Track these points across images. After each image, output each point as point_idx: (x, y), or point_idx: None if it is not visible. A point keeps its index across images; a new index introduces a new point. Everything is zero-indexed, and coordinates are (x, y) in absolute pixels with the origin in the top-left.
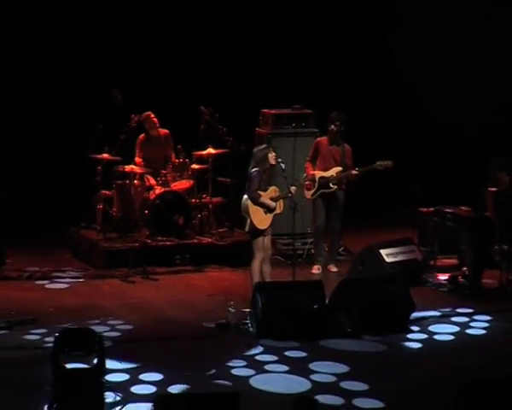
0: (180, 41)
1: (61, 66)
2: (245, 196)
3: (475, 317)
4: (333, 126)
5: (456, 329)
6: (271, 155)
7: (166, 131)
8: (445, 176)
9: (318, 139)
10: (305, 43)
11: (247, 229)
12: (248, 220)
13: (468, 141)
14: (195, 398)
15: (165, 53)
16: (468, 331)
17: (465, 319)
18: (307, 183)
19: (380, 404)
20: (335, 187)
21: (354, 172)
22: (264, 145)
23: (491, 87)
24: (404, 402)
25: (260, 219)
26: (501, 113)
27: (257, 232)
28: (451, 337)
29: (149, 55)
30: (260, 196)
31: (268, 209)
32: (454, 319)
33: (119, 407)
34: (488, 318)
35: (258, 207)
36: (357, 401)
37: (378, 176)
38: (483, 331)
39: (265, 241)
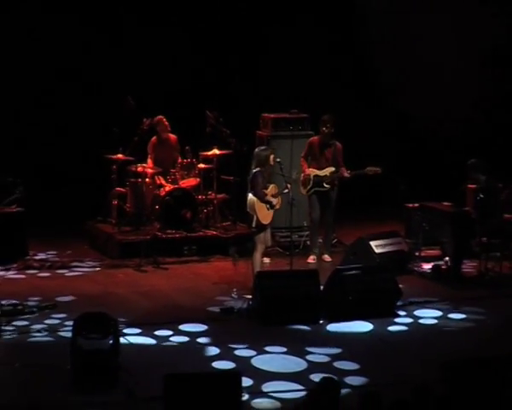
0: (189, 52)
1: (83, 78)
2: (250, 195)
3: (458, 304)
4: (324, 128)
5: (439, 313)
6: (272, 157)
7: (175, 136)
8: (428, 174)
9: (311, 139)
10: (301, 52)
11: (253, 224)
12: (255, 217)
13: (449, 142)
14: (201, 377)
15: (174, 62)
16: (451, 316)
17: (448, 306)
18: (302, 178)
19: (369, 381)
20: (328, 186)
21: (346, 174)
22: (265, 147)
23: (466, 90)
24: (391, 380)
25: (264, 214)
26: (476, 115)
27: (261, 227)
28: (435, 321)
29: (160, 65)
30: (266, 194)
31: (271, 206)
32: (437, 305)
33: (132, 385)
34: (470, 307)
35: (263, 205)
36: (349, 379)
37: (366, 179)
38: (463, 316)
39: (266, 235)
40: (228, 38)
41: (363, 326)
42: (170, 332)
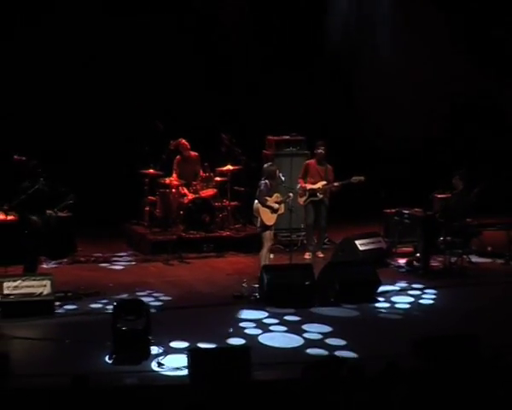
0: (207, 85)
1: (123, 106)
2: (255, 201)
3: (425, 290)
4: (319, 151)
5: (411, 299)
6: (277, 171)
7: (196, 153)
8: (403, 185)
9: (307, 161)
10: (301, 87)
11: (258, 225)
12: (259, 219)
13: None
14: (218, 350)
15: (196, 94)
16: (420, 301)
17: (418, 292)
18: (300, 192)
19: (354, 355)
20: (321, 196)
21: (335, 184)
22: (272, 163)
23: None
24: (371, 353)
25: (267, 217)
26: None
27: (265, 227)
28: (408, 306)
29: (184, 96)
30: (267, 200)
31: (272, 210)
32: (409, 292)
33: (162, 357)
34: (435, 291)
35: (266, 209)
36: (338, 353)
37: (353, 186)
38: (431, 301)
39: (271, 234)
40: (240, 78)
41: (349, 310)
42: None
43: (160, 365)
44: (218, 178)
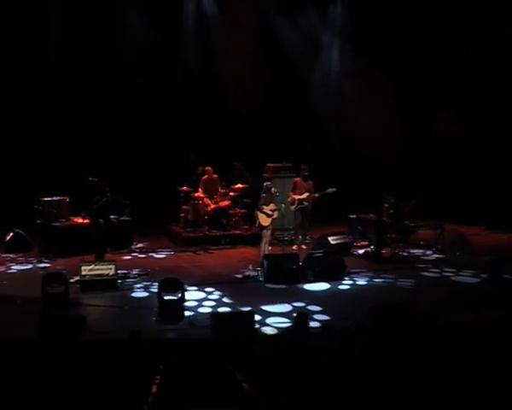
0: (225, 127)
1: (167, 142)
2: (256, 209)
3: (377, 272)
4: (303, 172)
5: (368, 278)
6: (272, 189)
7: (217, 175)
8: (361, 198)
9: (295, 179)
10: (291, 128)
11: (257, 225)
12: (257, 221)
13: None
14: (232, 314)
15: (219, 135)
16: (375, 280)
17: (372, 274)
18: (291, 202)
19: (327, 318)
20: (306, 204)
21: (316, 195)
22: (269, 183)
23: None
24: (341, 315)
25: (264, 220)
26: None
27: (262, 227)
28: (365, 283)
29: (211, 136)
30: (263, 208)
31: (267, 215)
32: (367, 273)
33: (192, 319)
34: (384, 273)
35: (262, 214)
36: (316, 316)
37: (327, 198)
38: (382, 280)
39: (268, 232)
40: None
41: (324, 286)
42: (213, 289)
43: (191, 324)
44: (232, 193)
